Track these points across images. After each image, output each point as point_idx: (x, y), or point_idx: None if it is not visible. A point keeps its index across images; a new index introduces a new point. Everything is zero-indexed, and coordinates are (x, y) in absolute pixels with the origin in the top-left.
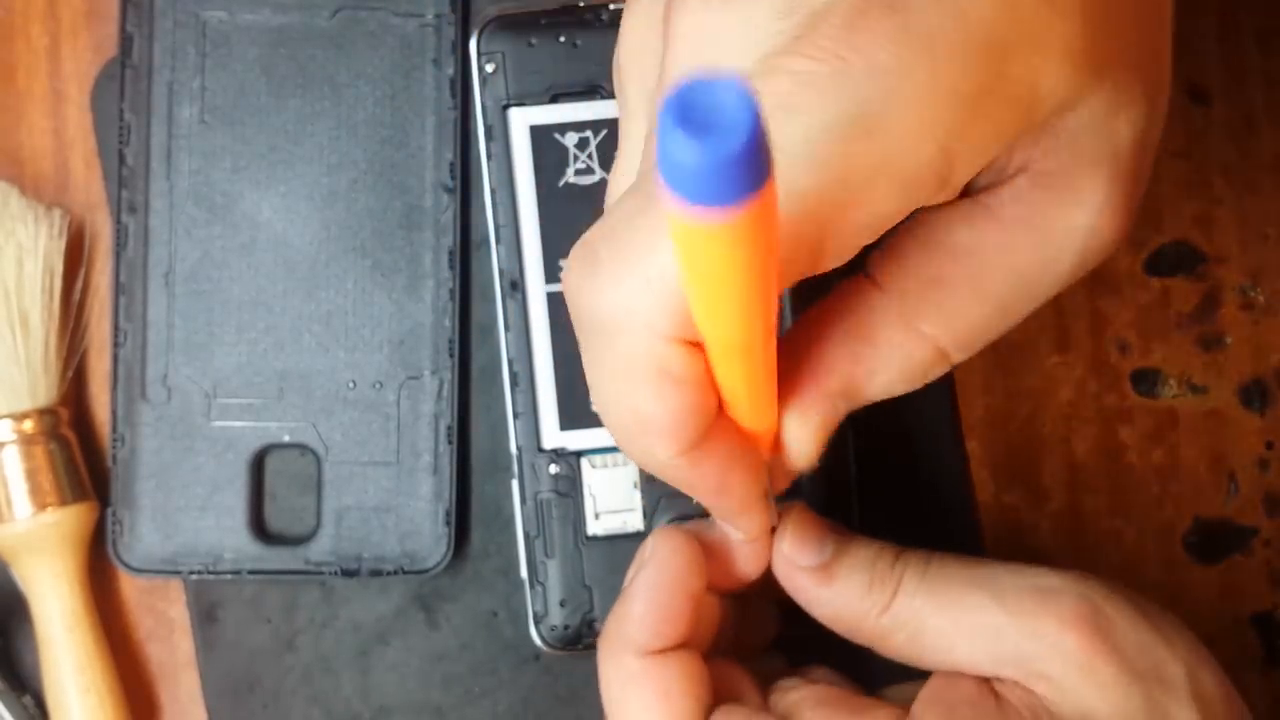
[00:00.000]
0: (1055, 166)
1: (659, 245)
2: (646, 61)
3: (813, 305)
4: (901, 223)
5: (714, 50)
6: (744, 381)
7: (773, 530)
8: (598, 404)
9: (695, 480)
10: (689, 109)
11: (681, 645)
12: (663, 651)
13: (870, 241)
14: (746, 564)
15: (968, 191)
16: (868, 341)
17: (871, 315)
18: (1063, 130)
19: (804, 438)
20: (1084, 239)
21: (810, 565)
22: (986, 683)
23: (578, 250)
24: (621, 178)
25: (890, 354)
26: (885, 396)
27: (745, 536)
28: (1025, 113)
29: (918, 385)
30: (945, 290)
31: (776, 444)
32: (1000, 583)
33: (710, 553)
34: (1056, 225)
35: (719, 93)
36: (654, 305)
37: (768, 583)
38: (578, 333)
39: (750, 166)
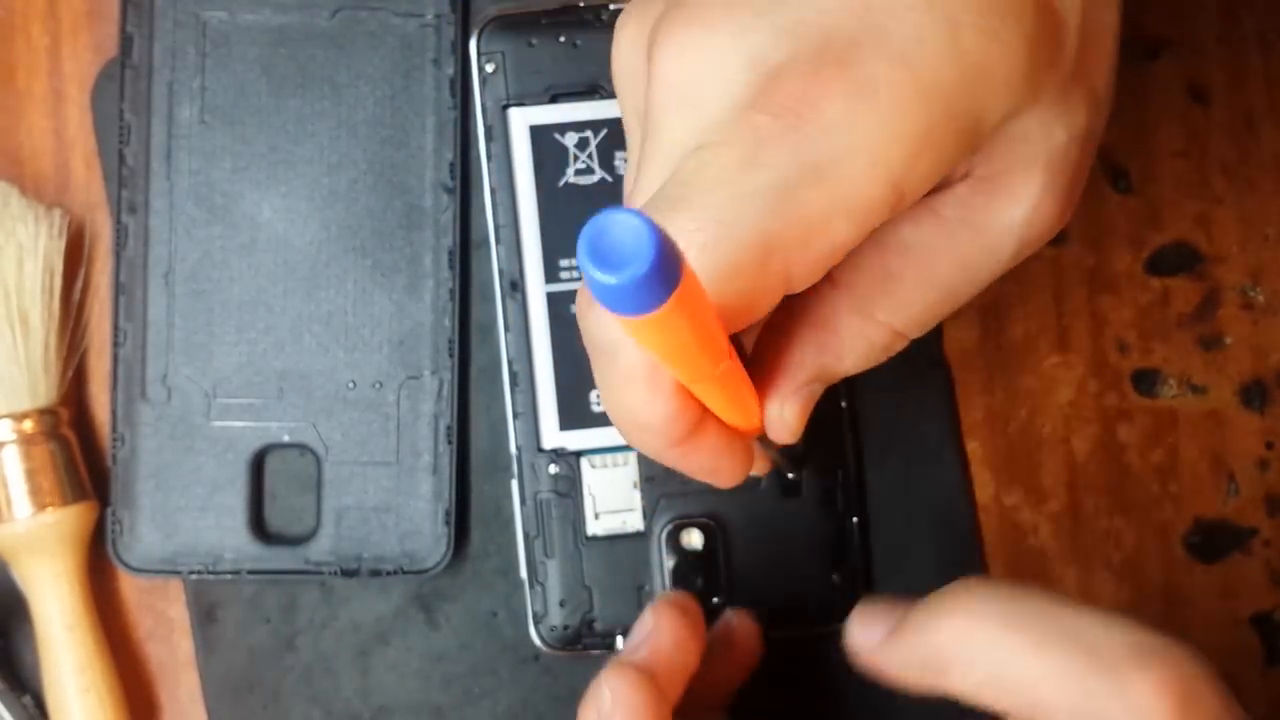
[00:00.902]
0: (993, 171)
1: None
2: (636, 85)
3: (781, 305)
4: None
5: (689, 94)
6: (717, 400)
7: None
8: (606, 408)
9: (691, 465)
10: (600, 243)
11: None
12: None
13: (835, 264)
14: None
15: None
16: (831, 332)
17: (832, 310)
18: (1001, 139)
19: (787, 420)
20: (1022, 231)
21: (882, 630)
22: None
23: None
24: (630, 182)
25: (852, 341)
26: (855, 373)
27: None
28: (970, 139)
29: (882, 360)
30: (895, 283)
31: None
32: (1093, 634)
33: (663, 680)
34: (995, 222)
35: (624, 229)
36: None
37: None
38: (588, 350)
39: (656, 285)
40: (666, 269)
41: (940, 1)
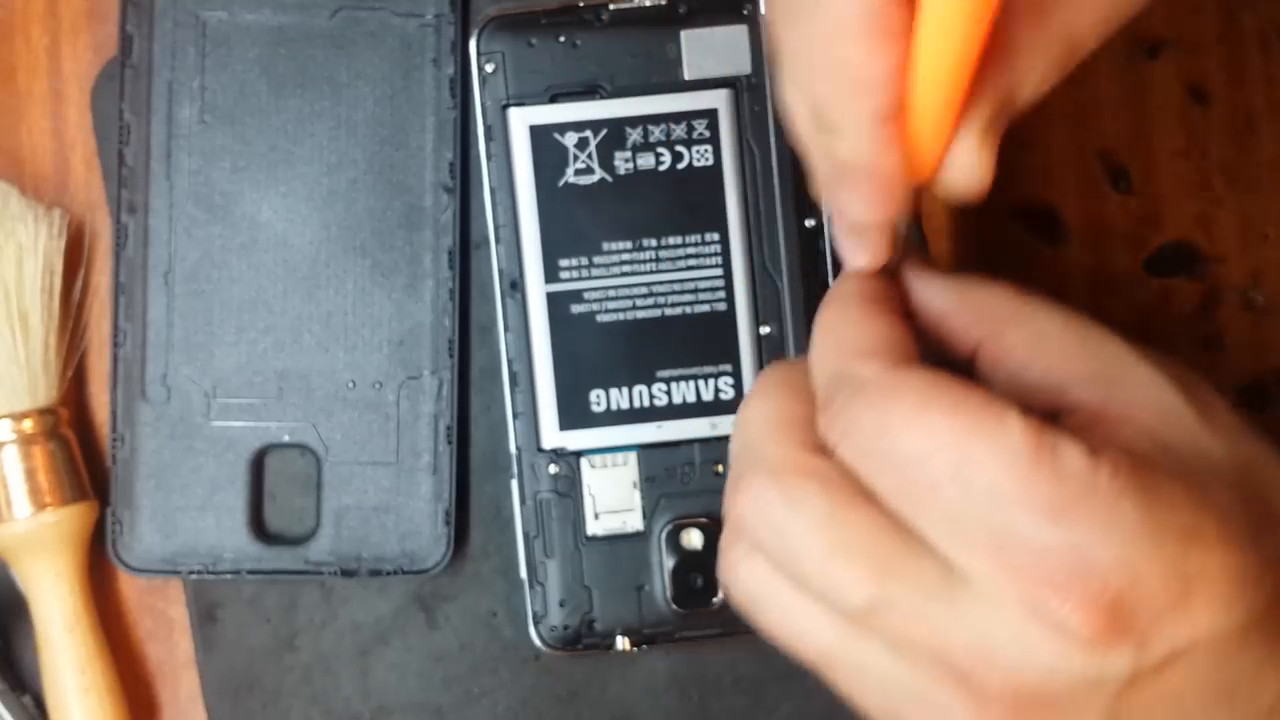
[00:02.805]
0: None
1: None
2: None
3: None
4: None
5: None
6: (947, 53)
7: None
8: (797, 82)
9: (881, 164)
10: None
11: None
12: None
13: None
14: None
15: None
16: (1010, 49)
17: (1010, 26)
18: None
19: (981, 160)
20: None
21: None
22: None
23: None
24: None
25: (1029, 59)
26: (1036, 96)
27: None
28: None
29: (1058, 79)
30: None
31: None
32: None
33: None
34: None
35: None
36: None
37: None
38: (775, 25)
39: None
40: None
41: None
